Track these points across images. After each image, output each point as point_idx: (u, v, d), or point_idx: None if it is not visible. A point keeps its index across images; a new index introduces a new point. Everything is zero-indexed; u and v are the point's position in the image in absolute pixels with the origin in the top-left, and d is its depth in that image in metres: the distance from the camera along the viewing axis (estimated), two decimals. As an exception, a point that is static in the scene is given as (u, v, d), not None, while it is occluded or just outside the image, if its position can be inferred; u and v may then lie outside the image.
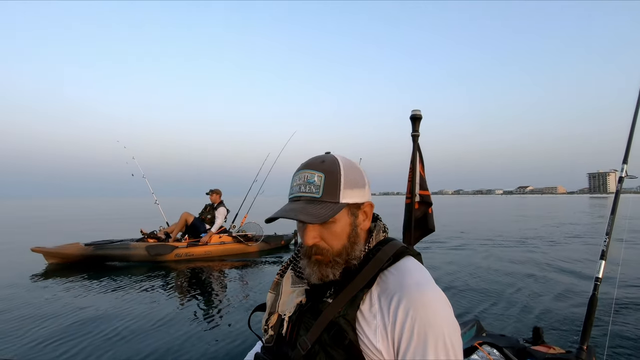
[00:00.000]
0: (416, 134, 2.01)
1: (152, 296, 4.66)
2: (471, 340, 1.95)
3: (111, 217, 23.19)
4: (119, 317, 3.80)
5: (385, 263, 0.71)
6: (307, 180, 0.73)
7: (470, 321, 2.24)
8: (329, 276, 0.73)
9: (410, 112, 2.02)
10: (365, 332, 0.66)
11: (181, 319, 3.81)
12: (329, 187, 0.71)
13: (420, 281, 0.67)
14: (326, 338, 0.67)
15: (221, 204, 7.80)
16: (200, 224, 7.54)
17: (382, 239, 0.79)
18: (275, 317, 0.79)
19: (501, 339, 1.91)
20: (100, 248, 6.56)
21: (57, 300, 4.47)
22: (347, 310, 0.67)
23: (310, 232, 0.73)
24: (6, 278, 5.68)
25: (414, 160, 2.03)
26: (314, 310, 0.71)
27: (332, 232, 0.73)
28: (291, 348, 0.72)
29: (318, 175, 0.72)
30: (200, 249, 7.20)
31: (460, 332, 0.66)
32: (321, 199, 0.71)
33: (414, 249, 0.77)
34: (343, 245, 0.74)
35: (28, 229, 15.03)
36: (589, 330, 1.70)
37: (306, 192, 0.72)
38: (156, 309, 4.13)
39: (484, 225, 15.76)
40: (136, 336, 3.30)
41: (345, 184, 0.73)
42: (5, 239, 11.04)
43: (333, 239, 0.73)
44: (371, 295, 0.69)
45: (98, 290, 4.92)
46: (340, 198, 0.72)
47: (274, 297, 0.83)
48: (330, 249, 0.73)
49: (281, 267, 0.89)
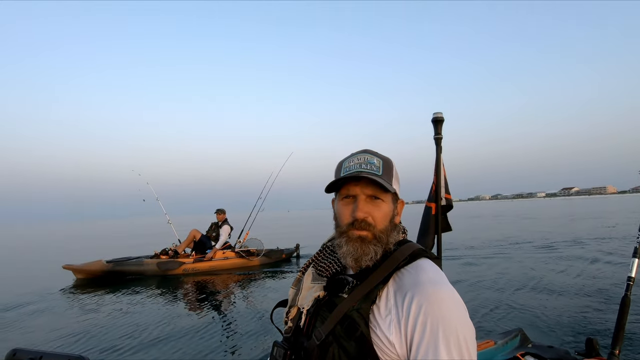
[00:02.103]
0: (439, 136, 1.98)
1: (165, 305, 5.39)
2: (513, 350, 1.88)
3: (129, 236, 25.03)
4: (134, 324, 4.54)
5: (401, 262, 0.74)
6: (367, 160, 0.81)
7: (513, 331, 2.13)
8: (370, 254, 0.76)
9: (432, 115, 1.99)
10: (380, 325, 0.69)
11: (188, 324, 4.47)
12: (387, 171, 0.80)
13: (435, 279, 0.69)
14: (339, 330, 0.70)
15: (225, 222, 8.53)
16: (206, 241, 8.32)
17: (400, 239, 0.83)
18: (294, 310, 0.84)
19: (548, 350, 1.81)
20: (119, 264, 7.49)
21: (87, 308, 5.33)
22: (361, 305, 0.71)
23: (364, 206, 0.78)
24: (44, 289, 6.77)
25: (438, 164, 2.00)
26: (330, 304, 0.75)
27: (381, 210, 0.78)
28: (307, 339, 0.75)
29: (377, 159, 0.81)
30: (206, 264, 7.94)
31: (475, 335, 0.67)
32: (382, 176, 0.79)
33: (432, 252, 0.80)
34: (386, 227, 0.79)
35: (55, 249, 16.74)
36: (621, 334, 1.59)
37: (368, 169, 0.79)
38: (166, 314, 4.84)
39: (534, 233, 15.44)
40: (154, 340, 4.00)
41: (396, 175, 0.83)
42: (41, 258, 12.51)
43: (380, 217, 0.78)
44: (387, 292, 0.72)
45: (119, 301, 5.75)
46: (392, 183, 0.80)
47: (295, 292, 0.89)
48: (377, 225, 0.77)
49: (303, 265, 0.94)
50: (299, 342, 0.77)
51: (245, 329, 4.21)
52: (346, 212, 0.79)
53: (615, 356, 1.55)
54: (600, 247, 9.68)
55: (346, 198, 0.80)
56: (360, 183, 0.78)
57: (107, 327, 4.45)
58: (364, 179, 0.77)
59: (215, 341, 3.87)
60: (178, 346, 3.75)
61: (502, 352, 1.99)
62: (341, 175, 0.80)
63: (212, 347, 3.72)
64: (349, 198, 0.80)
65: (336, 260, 0.85)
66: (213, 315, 4.89)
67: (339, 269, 0.84)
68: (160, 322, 4.55)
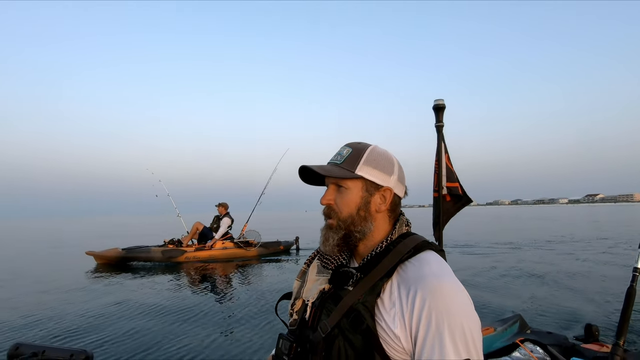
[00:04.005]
0: (440, 124, 1.96)
1: (164, 289, 6.29)
2: (513, 337, 1.87)
3: (144, 226, 26.53)
4: (141, 302, 5.44)
5: (405, 254, 0.73)
6: (339, 152, 0.84)
7: (512, 317, 2.13)
8: (329, 240, 0.80)
9: (433, 102, 1.97)
10: (385, 318, 0.69)
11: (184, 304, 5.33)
12: (351, 159, 0.81)
13: (438, 272, 0.69)
14: (345, 323, 0.70)
15: (227, 215, 9.41)
16: (208, 232, 9.21)
17: (404, 232, 0.83)
18: (299, 302, 0.84)
19: (547, 336, 1.81)
20: (130, 252, 8.54)
21: (111, 288, 6.30)
22: (367, 298, 0.70)
23: (327, 194, 0.82)
24: (74, 271, 7.96)
25: (440, 152, 1.98)
26: (335, 297, 0.75)
27: (343, 198, 0.80)
28: (312, 331, 0.75)
29: (347, 150, 0.83)
30: (206, 253, 8.83)
31: (480, 327, 0.67)
32: (340, 165, 0.81)
33: (436, 244, 0.79)
34: (350, 214, 0.79)
35: (76, 239, 18.14)
36: (625, 325, 1.58)
37: (333, 160, 0.83)
38: (165, 296, 5.71)
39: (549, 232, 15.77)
40: (152, 315, 4.86)
41: (366, 161, 0.80)
42: (69, 244, 13.81)
43: (343, 205, 0.80)
44: (391, 285, 0.72)
45: (131, 281, 6.73)
46: (357, 170, 0.80)
47: (300, 284, 0.89)
48: (339, 213, 0.80)
49: (309, 257, 0.94)
50: (305, 334, 0.77)
51: (242, 314, 4.54)
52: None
53: (619, 347, 1.54)
54: (608, 246, 10.12)
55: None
56: None
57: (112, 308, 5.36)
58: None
59: (212, 327, 4.06)
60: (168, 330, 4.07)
61: (501, 339, 2.02)
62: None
63: (209, 333, 3.87)
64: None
65: (341, 253, 0.85)
66: (206, 300, 5.49)
67: (344, 261, 0.83)
68: (153, 305, 5.11)
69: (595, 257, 8.61)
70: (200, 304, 4.92)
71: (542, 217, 30.04)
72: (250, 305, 4.94)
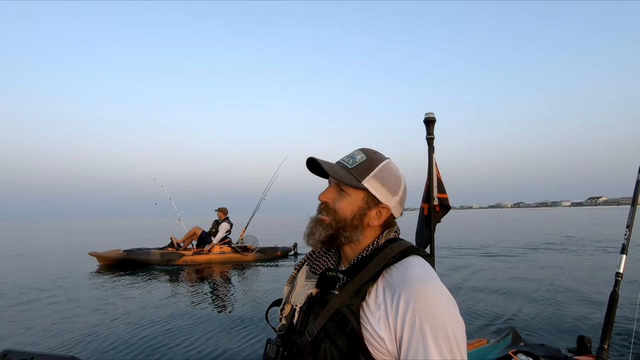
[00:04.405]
0: (431, 136, 2.00)
1: (160, 291, 6.53)
2: (506, 349, 1.89)
3: (145, 229, 26.88)
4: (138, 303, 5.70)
5: (391, 259, 0.75)
6: (352, 155, 0.85)
7: (505, 329, 2.14)
8: (315, 234, 0.82)
9: (424, 115, 2.00)
10: (370, 321, 0.70)
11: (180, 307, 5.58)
12: (361, 168, 0.81)
13: (422, 275, 0.70)
14: (331, 325, 0.71)
15: (226, 220, 9.64)
16: (207, 237, 9.45)
17: (391, 237, 0.84)
18: (288, 307, 0.85)
19: (540, 348, 1.82)
20: (131, 254, 8.84)
21: (108, 287, 6.58)
22: (352, 300, 0.72)
23: (327, 192, 0.84)
24: (77, 271, 8.29)
25: (431, 164, 2.02)
26: (322, 301, 0.76)
27: (342, 201, 0.81)
28: (300, 335, 0.76)
29: (361, 156, 0.83)
30: (203, 257, 9.09)
31: (464, 330, 0.68)
32: (349, 170, 0.81)
33: (423, 250, 0.81)
34: (344, 218, 0.81)
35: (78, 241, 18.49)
36: (609, 329, 1.62)
37: (344, 160, 0.84)
38: (156, 299, 5.97)
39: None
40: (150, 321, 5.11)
41: (376, 175, 0.81)
42: (72, 246, 14.12)
43: (339, 208, 0.81)
44: (377, 288, 0.73)
45: (130, 283, 6.99)
46: (364, 181, 0.80)
47: (289, 289, 0.91)
48: (334, 214, 0.81)
49: (299, 263, 0.95)
50: (292, 339, 0.78)
51: (235, 318, 4.68)
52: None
53: (604, 350, 1.56)
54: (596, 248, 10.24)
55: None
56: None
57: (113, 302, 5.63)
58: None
59: (200, 333, 4.17)
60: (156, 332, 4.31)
61: (494, 351, 2.04)
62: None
63: (199, 337, 4.03)
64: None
65: (329, 258, 0.88)
66: (201, 303, 5.62)
67: (332, 266, 0.86)
68: (146, 306, 5.40)
69: (588, 262, 8.72)
70: (192, 310, 5.09)
71: (543, 220, 30.08)
72: (242, 311, 5.04)
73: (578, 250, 10.74)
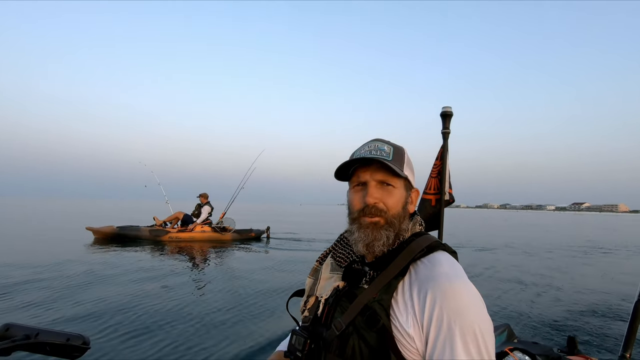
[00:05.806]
0: (447, 131, 1.97)
1: (149, 262, 7.95)
2: (501, 345, 1.90)
3: (136, 210, 28.58)
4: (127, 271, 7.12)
5: (417, 254, 0.74)
6: (378, 147, 0.82)
7: (500, 326, 2.15)
8: (381, 239, 0.77)
9: (441, 108, 1.97)
10: (399, 318, 0.69)
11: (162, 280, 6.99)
12: (397, 157, 0.81)
13: (450, 273, 0.69)
14: (360, 321, 0.71)
15: (207, 204, 11.08)
16: (189, 219, 10.90)
17: (417, 231, 0.83)
18: (312, 299, 0.85)
19: (534, 347, 1.84)
20: (123, 229, 10.28)
21: (107, 256, 7.99)
22: (382, 296, 0.71)
23: (374, 192, 0.79)
24: (77, 242, 9.64)
25: (444, 158, 2.00)
26: (350, 295, 0.76)
27: (392, 196, 0.79)
28: (326, 328, 0.76)
29: (388, 146, 0.83)
30: (187, 234, 10.54)
31: (493, 328, 0.66)
32: (392, 162, 0.79)
33: (449, 246, 0.79)
34: (398, 213, 0.79)
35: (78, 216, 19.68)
36: (632, 338, 1.59)
37: (378, 155, 0.80)
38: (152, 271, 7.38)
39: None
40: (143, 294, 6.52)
41: (407, 162, 0.83)
42: (71, 221, 15.41)
43: (392, 203, 0.79)
44: (404, 284, 0.72)
45: (123, 252, 8.43)
46: (404, 169, 0.81)
47: (313, 281, 0.91)
48: (389, 211, 0.78)
49: (321, 255, 0.95)
50: (317, 331, 0.78)
51: (214, 289, 5.32)
52: (357, 199, 0.81)
53: (626, 359, 1.56)
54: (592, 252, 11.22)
55: (357, 186, 0.82)
56: (370, 169, 0.80)
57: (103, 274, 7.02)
58: (374, 165, 0.79)
59: (185, 302, 4.60)
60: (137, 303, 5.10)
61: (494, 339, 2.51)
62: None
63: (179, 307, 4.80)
64: (359, 186, 0.82)
65: (352, 250, 0.85)
66: (178, 278, 6.44)
67: (357, 259, 0.84)
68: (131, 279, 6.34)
69: (575, 264, 9.08)
70: (174, 285, 5.42)
71: (528, 222, 30.86)
72: (219, 286, 5.45)
73: (563, 254, 11.06)
